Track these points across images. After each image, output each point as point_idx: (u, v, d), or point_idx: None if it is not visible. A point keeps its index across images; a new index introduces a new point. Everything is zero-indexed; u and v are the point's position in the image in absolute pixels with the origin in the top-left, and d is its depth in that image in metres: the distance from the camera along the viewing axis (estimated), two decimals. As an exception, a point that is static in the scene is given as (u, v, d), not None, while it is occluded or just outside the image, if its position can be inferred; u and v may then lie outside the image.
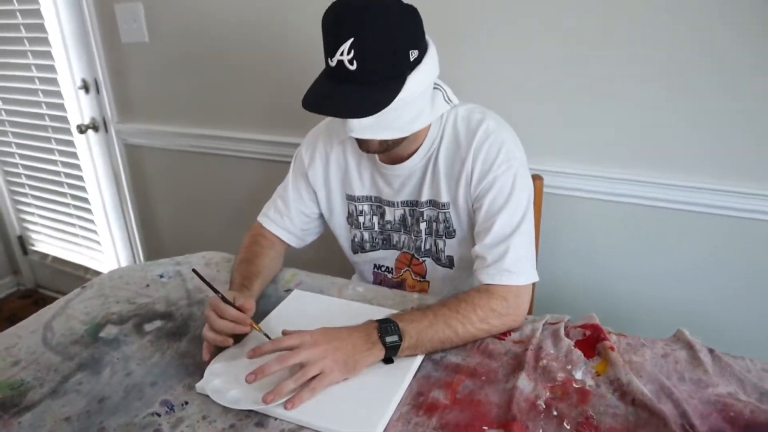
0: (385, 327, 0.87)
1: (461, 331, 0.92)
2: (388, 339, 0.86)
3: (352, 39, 0.87)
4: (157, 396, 0.85)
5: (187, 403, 0.84)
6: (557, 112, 1.30)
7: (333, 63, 0.90)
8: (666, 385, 0.82)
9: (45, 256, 2.66)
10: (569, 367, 0.88)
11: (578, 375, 0.86)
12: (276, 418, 0.79)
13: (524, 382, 0.83)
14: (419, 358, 0.90)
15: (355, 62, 0.88)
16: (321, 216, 1.24)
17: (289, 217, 1.20)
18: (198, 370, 0.90)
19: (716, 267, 1.29)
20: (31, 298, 2.77)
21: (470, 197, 1.05)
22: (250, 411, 0.81)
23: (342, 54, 0.88)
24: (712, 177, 1.22)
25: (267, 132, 1.73)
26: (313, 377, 0.81)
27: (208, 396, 0.84)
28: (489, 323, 0.94)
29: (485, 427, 0.76)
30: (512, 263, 0.97)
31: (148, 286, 1.19)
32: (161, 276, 1.22)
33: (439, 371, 0.88)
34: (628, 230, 1.34)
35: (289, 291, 1.13)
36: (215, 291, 0.94)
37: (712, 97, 1.17)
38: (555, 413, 0.79)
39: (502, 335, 0.96)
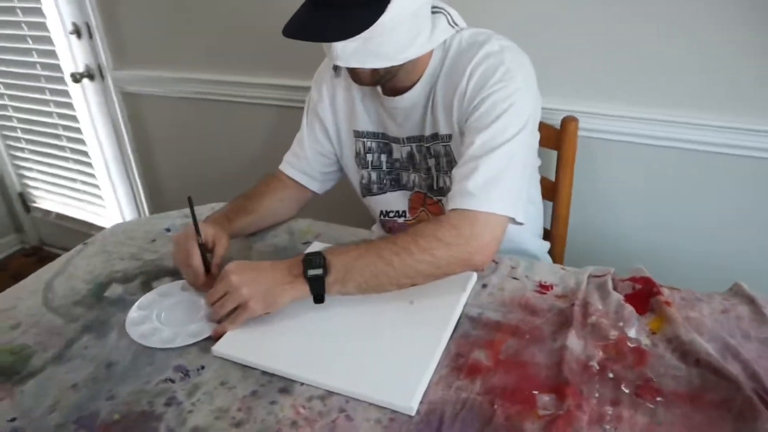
0: (310, 259, 0.81)
1: (397, 263, 0.81)
2: (311, 272, 0.80)
3: None
4: (170, 360, 0.78)
5: (203, 367, 0.77)
6: (591, 46, 1.18)
7: None
8: (731, 344, 0.74)
9: (48, 212, 2.59)
10: (621, 324, 0.80)
11: (632, 333, 0.78)
12: (302, 384, 0.73)
13: (574, 341, 0.76)
14: (455, 315, 0.82)
15: None
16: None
17: (305, 159, 1.13)
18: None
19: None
20: (36, 256, 2.72)
21: (462, 121, 0.93)
22: (273, 376, 0.74)
23: None
24: (757, 117, 1.11)
25: (279, 76, 1.61)
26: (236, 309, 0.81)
27: (226, 360, 0.78)
28: (433, 254, 0.81)
29: (535, 392, 0.69)
30: (476, 186, 0.84)
31: (154, 240, 1.11)
32: (168, 230, 1.14)
33: (478, 329, 0.81)
34: (669, 177, 1.23)
35: (307, 244, 1.05)
36: (197, 232, 0.90)
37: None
38: (610, 375, 0.71)
39: (543, 288, 0.88)
